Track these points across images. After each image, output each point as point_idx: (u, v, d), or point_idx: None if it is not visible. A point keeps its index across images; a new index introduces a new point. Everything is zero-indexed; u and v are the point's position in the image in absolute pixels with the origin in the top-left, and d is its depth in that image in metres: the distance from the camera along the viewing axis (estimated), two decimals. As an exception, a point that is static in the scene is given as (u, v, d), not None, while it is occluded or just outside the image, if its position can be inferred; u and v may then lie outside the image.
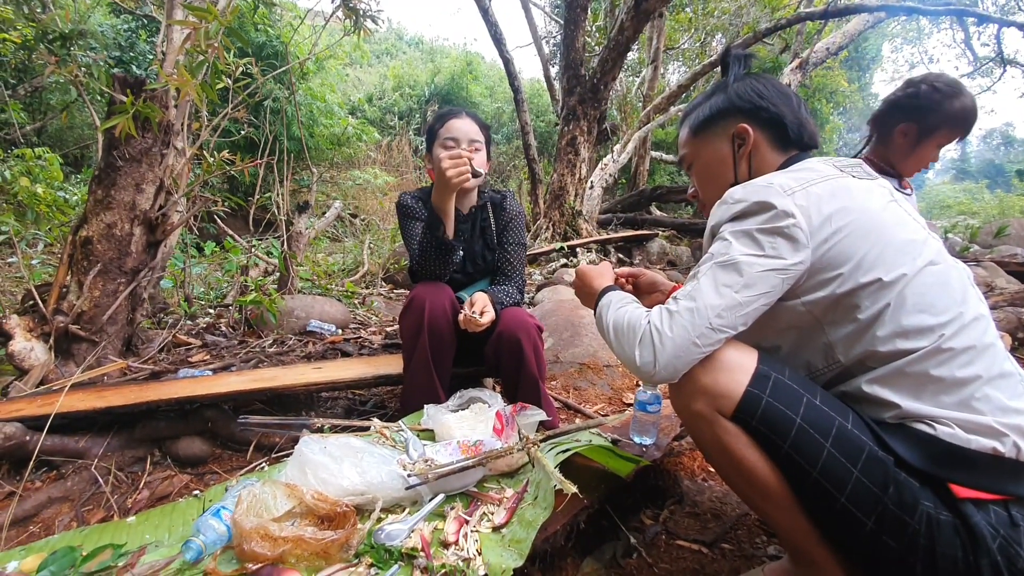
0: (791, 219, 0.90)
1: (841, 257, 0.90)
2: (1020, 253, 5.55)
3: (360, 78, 13.90)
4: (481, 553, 1.04)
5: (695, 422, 0.95)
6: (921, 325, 0.87)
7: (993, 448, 0.82)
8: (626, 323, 0.99)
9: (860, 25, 8.65)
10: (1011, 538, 0.80)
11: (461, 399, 1.64)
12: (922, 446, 0.84)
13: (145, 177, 2.01)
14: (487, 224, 1.94)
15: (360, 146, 9.24)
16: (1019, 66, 7.34)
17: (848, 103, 14.66)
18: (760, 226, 0.92)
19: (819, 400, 0.89)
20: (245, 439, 1.74)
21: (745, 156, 1.10)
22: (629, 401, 2.32)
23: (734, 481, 0.98)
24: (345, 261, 5.02)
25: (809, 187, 0.93)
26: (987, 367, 0.86)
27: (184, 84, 1.69)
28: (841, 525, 0.87)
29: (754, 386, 0.89)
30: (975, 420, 0.84)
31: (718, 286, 0.92)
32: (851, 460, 0.84)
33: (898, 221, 0.94)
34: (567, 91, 6.31)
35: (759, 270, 0.90)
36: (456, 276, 1.90)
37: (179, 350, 2.41)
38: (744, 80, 1.13)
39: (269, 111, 3.30)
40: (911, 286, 0.88)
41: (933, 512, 0.82)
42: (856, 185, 0.96)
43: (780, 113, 1.07)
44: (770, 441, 0.89)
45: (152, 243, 2.08)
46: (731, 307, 0.91)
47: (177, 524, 1.18)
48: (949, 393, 0.85)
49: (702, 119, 1.15)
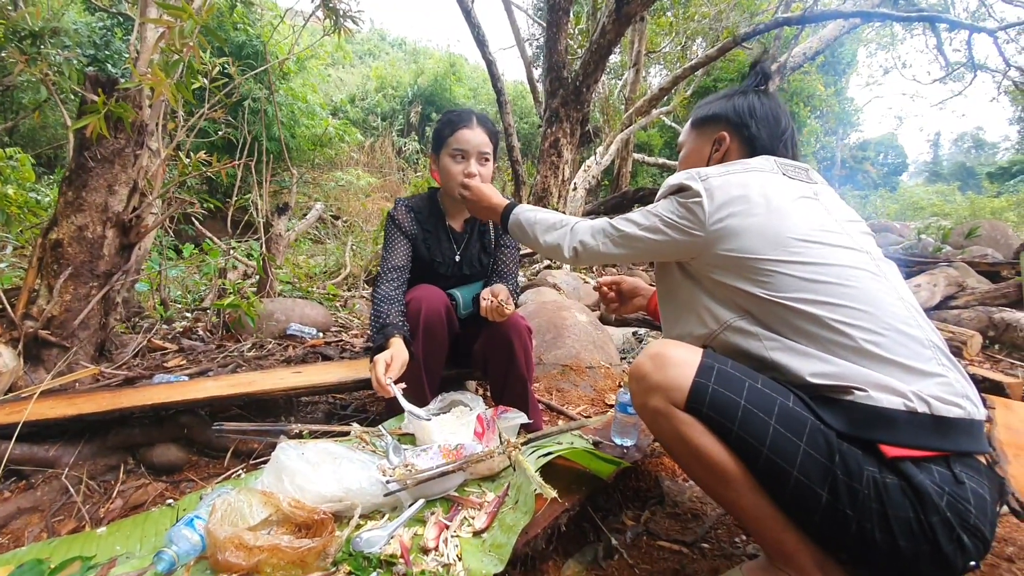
0: (697, 197, 1.10)
1: (733, 235, 1.06)
2: (990, 253, 5.69)
3: (342, 78, 13.78)
4: (461, 558, 1.03)
5: (654, 418, 1.03)
6: (824, 303, 0.98)
7: (904, 404, 0.89)
8: (555, 218, 1.37)
9: (836, 31, 8.84)
10: (958, 495, 0.85)
11: (443, 402, 1.63)
12: (845, 412, 0.92)
13: (118, 178, 1.96)
14: (486, 228, 1.93)
15: (342, 147, 9.17)
16: (989, 71, 7.54)
17: (825, 107, 14.92)
18: (678, 199, 1.15)
19: (760, 384, 0.98)
20: (222, 446, 1.71)
21: (717, 159, 1.27)
22: (611, 402, 2.33)
23: (697, 472, 1.03)
24: (327, 263, 4.96)
25: (726, 176, 1.12)
26: (891, 339, 0.95)
27: (158, 83, 1.65)
28: (800, 501, 0.92)
29: (701, 376, 0.98)
30: (880, 382, 0.91)
31: (630, 220, 1.21)
32: (796, 434, 0.92)
33: (805, 215, 1.07)
34: (550, 93, 6.32)
35: (662, 222, 1.15)
36: (451, 280, 1.88)
37: (154, 355, 2.36)
38: (751, 95, 1.27)
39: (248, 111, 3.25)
40: (818, 267, 1.00)
41: (878, 476, 0.88)
42: (777, 180, 1.12)
43: (757, 136, 1.23)
44: (721, 426, 0.96)
45: (126, 245, 2.04)
46: (632, 236, 1.20)
47: (149, 534, 1.16)
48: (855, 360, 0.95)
49: (703, 115, 1.32)
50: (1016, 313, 3.29)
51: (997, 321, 3.29)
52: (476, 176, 1.71)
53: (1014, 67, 6.90)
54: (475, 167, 1.72)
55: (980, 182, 20.78)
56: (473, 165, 1.72)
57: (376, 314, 1.64)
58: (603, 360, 2.70)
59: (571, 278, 4.30)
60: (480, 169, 1.73)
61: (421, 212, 1.85)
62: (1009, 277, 4.18)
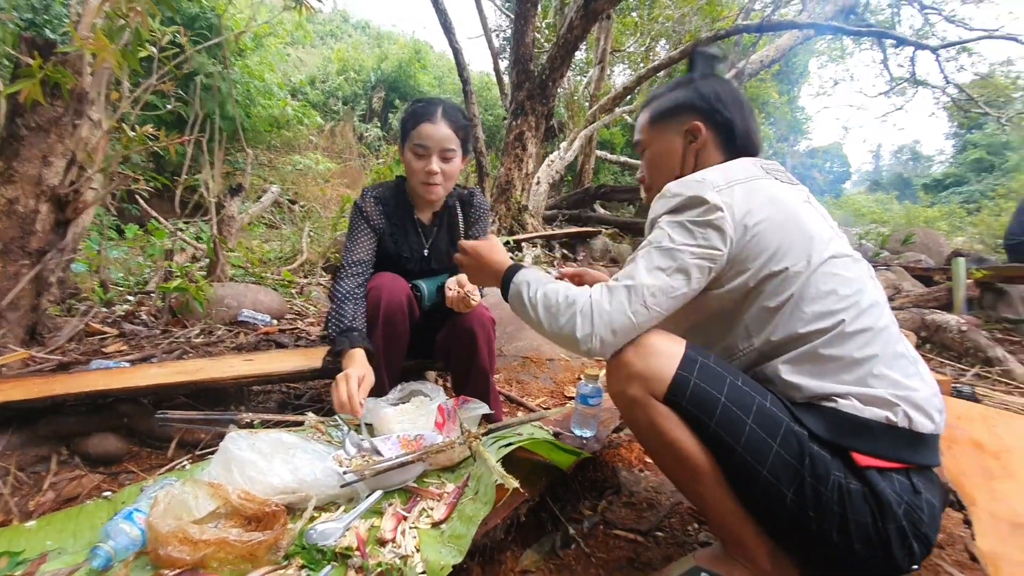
0: (720, 212, 0.98)
1: (758, 248, 0.99)
2: (924, 259, 6.07)
3: (302, 59, 13.28)
4: (420, 550, 1.01)
5: (630, 406, 1.01)
6: (823, 311, 0.96)
7: (886, 417, 0.91)
8: (561, 298, 1.03)
9: (791, 41, 9.18)
10: (914, 504, 0.89)
11: (402, 392, 1.60)
12: (827, 418, 0.93)
13: (54, 149, 1.83)
14: (455, 222, 1.88)
15: (301, 130, 8.86)
16: (930, 87, 8.00)
17: (778, 114, 15.51)
18: (693, 218, 1.00)
19: (740, 382, 0.97)
20: (166, 435, 1.63)
21: (694, 152, 1.17)
22: (570, 395, 2.35)
23: (667, 463, 1.04)
24: (282, 249, 4.79)
25: (735, 185, 1.02)
26: (882, 348, 0.96)
27: (101, 49, 1.55)
28: (764, 499, 0.94)
29: (683, 369, 0.96)
30: (871, 393, 0.93)
31: (652, 268, 1.00)
32: (770, 435, 0.92)
33: (810, 219, 1.03)
34: (516, 86, 6.29)
35: (690, 257, 0.99)
36: (418, 274, 1.83)
37: (92, 340, 2.22)
38: (708, 80, 1.19)
39: (200, 87, 3.08)
40: (815, 275, 0.98)
41: (843, 481, 0.90)
42: (776, 186, 1.06)
43: (732, 119, 1.15)
44: (698, 420, 0.95)
45: (61, 222, 1.90)
46: (663, 289, 0.99)
47: (84, 529, 1.09)
48: (849, 371, 0.95)
49: (663, 109, 1.21)
50: (946, 315, 3.51)
51: (929, 322, 3.50)
52: (438, 174, 1.66)
53: (953, 84, 7.35)
54: (436, 164, 1.66)
55: (916, 192, 22.10)
56: (435, 162, 1.65)
57: (339, 314, 1.59)
58: (563, 353, 2.72)
59: (533, 271, 4.31)
60: (443, 166, 1.67)
61: (389, 204, 1.80)
62: (940, 282, 4.47)
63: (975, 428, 1.51)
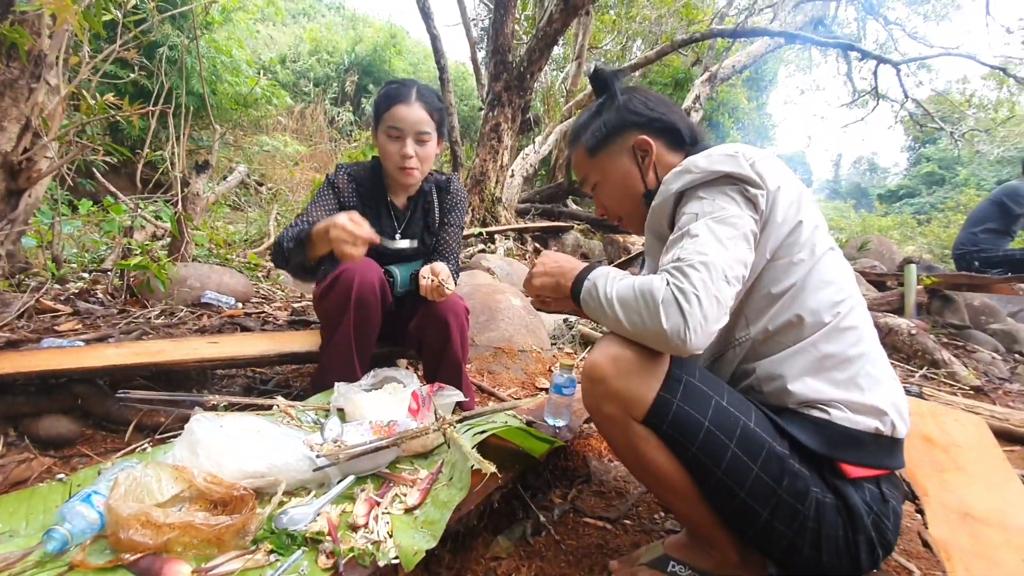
0: (757, 188, 0.94)
1: (778, 228, 0.95)
2: (878, 265, 6.34)
3: (273, 36, 12.85)
4: (392, 535, 1.00)
5: (606, 423, 0.98)
6: (823, 301, 0.95)
7: (875, 428, 0.92)
8: (638, 292, 0.88)
9: (762, 48, 9.40)
10: (882, 513, 0.91)
11: (375, 378, 1.58)
12: (819, 431, 0.92)
13: (7, 113, 1.72)
14: (430, 207, 1.85)
15: (270, 109, 8.57)
16: (890, 100, 8.33)
17: (747, 119, 15.87)
18: (732, 191, 0.95)
19: (726, 400, 0.93)
20: (123, 418, 1.56)
21: (650, 165, 1.13)
22: (542, 386, 2.37)
23: (641, 477, 1.03)
24: (248, 231, 4.65)
25: (762, 160, 0.98)
26: (869, 347, 0.97)
27: (62, 10, 1.46)
28: (739, 516, 0.94)
29: (665, 390, 0.91)
30: (861, 400, 0.93)
31: (721, 239, 0.89)
32: (752, 458, 0.90)
33: (815, 206, 1.02)
34: (493, 76, 6.24)
35: (746, 226, 0.92)
36: (390, 259, 1.80)
37: (44, 317, 2.10)
38: (627, 94, 1.16)
39: (165, 59, 2.94)
40: (819, 265, 0.97)
41: (821, 496, 0.90)
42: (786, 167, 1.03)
43: (672, 120, 1.13)
44: (679, 444, 0.92)
45: (13, 192, 1.80)
46: (739, 259, 0.90)
47: (36, 511, 1.03)
48: (841, 370, 0.94)
49: (599, 138, 1.16)
50: (898, 319, 3.68)
51: (882, 326, 3.66)
52: (413, 158, 1.62)
53: (911, 99, 7.66)
54: (411, 147, 1.63)
55: (872, 202, 23.05)
56: (409, 145, 1.63)
57: (292, 232, 1.53)
58: (535, 344, 2.73)
59: (504, 263, 4.31)
60: (418, 150, 1.65)
61: (363, 184, 1.76)
62: (893, 287, 4.68)
63: (926, 424, 1.59)
